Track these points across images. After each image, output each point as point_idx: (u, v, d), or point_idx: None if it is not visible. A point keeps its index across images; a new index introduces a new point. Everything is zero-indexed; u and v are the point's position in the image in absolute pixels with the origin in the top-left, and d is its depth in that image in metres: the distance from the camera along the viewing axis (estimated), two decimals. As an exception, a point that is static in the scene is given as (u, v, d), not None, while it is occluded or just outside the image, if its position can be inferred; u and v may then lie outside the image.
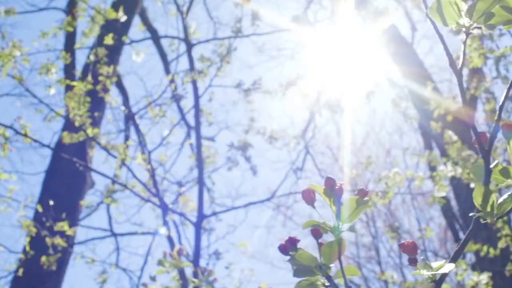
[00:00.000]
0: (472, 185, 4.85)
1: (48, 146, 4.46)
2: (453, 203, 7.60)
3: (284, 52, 9.72)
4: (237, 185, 14.22)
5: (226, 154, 5.85)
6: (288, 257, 1.00)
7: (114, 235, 7.23)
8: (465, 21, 0.75)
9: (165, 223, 4.70)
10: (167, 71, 7.77)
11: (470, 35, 0.76)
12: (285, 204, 10.35)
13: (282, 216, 12.14)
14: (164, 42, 8.19)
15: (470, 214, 0.81)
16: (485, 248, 4.74)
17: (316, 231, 1.00)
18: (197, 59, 5.20)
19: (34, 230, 4.93)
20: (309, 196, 0.97)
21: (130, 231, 7.35)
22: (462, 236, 7.33)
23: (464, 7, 0.74)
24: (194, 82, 5.07)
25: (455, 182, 5.99)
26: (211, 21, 8.09)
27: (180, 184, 6.33)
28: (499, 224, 4.72)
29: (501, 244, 4.55)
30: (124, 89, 8.31)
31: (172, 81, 5.46)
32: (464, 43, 0.77)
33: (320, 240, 1.01)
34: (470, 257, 7.80)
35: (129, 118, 6.74)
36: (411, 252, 0.86)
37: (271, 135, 5.59)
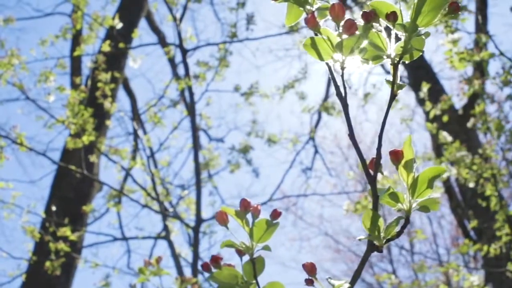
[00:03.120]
0: (470, 184, 4.84)
1: (43, 154, 4.51)
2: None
3: (291, 53, 9.74)
4: (247, 186, 14.26)
5: (227, 157, 5.89)
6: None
7: (125, 238, 7.30)
8: (338, 56, 0.78)
9: (165, 227, 4.74)
10: (175, 74, 7.84)
11: (345, 69, 0.79)
12: (290, 205, 10.36)
13: (292, 215, 12.18)
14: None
15: (358, 238, 0.84)
16: (485, 247, 4.73)
17: (239, 250, 1.04)
18: (194, 63, 5.23)
19: (37, 235, 4.99)
20: (221, 218, 1.00)
21: (135, 235, 7.41)
22: (472, 234, 7.29)
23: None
24: (189, 88, 5.09)
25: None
26: (219, 22, 8.16)
27: (183, 188, 6.37)
28: (499, 224, 4.71)
29: (499, 244, 4.54)
30: (132, 92, 8.38)
31: (167, 86, 5.50)
32: (342, 76, 0.80)
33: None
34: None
35: (135, 121, 6.80)
36: (310, 271, 0.90)
37: (269, 139, 5.61)
